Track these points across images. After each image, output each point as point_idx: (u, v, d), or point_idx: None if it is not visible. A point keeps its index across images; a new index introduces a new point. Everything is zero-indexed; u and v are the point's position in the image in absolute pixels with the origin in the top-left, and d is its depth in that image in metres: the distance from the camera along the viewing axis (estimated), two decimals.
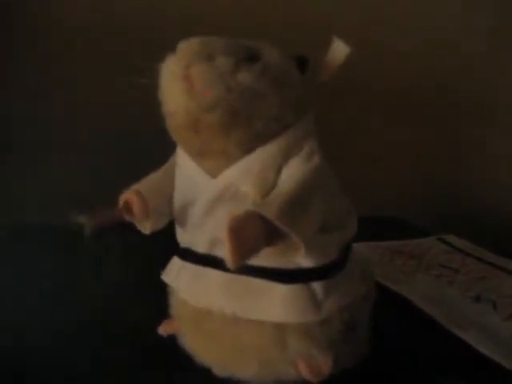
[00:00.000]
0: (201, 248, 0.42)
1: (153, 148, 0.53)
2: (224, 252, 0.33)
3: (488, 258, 0.80)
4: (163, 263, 0.47)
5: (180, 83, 0.37)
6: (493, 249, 0.84)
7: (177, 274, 0.45)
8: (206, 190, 0.41)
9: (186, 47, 0.38)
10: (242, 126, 0.38)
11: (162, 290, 0.47)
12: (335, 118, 0.84)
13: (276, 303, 0.40)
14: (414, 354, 0.51)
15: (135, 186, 0.43)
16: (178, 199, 0.44)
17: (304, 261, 0.39)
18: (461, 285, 0.69)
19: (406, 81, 1.03)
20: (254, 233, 0.34)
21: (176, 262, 0.46)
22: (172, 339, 0.47)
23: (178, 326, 0.46)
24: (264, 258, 0.38)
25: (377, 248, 0.82)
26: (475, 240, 0.87)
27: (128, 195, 0.42)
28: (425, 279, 0.70)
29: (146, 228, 0.44)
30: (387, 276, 0.69)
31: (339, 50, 0.42)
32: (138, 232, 0.44)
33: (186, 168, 0.43)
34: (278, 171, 0.39)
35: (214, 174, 0.40)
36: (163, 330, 0.49)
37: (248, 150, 0.39)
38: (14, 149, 0.82)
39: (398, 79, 1.02)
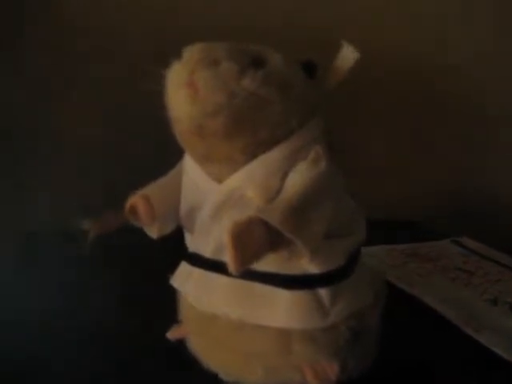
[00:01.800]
0: (207, 253, 0.42)
1: (159, 152, 0.53)
2: (227, 258, 0.33)
3: (503, 260, 0.79)
4: (172, 268, 0.47)
5: (184, 89, 0.37)
6: (507, 251, 0.83)
7: (185, 279, 0.45)
8: (212, 195, 0.41)
9: (191, 53, 0.38)
10: (247, 131, 0.38)
11: (171, 294, 0.47)
12: (344, 121, 0.84)
13: (281, 309, 0.40)
14: (429, 356, 0.51)
15: (142, 191, 0.44)
16: (184, 204, 0.44)
17: (309, 267, 0.39)
18: (477, 288, 0.68)
19: (413, 84, 1.03)
20: (256, 239, 0.34)
21: (184, 267, 0.46)
22: (180, 344, 0.47)
23: (187, 331, 0.46)
24: (269, 264, 0.38)
25: (391, 251, 0.82)
26: (489, 242, 0.86)
27: (134, 199, 0.43)
28: (440, 282, 0.70)
29: (153, 232, 0.44)
30: (402, 279, 0.69)
31: (348, 55, 0.42)
32: (147, 236, 0.45)
33: (192, 173, 0.43)
34: (283, 177, 0.39)
35: (219, 180, 0.40)
36: (172, 335, 0.49)
37: (253, 155, 0.39)
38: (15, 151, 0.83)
39: (405, 83, 1.01)
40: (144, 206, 0.42)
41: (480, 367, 0.50)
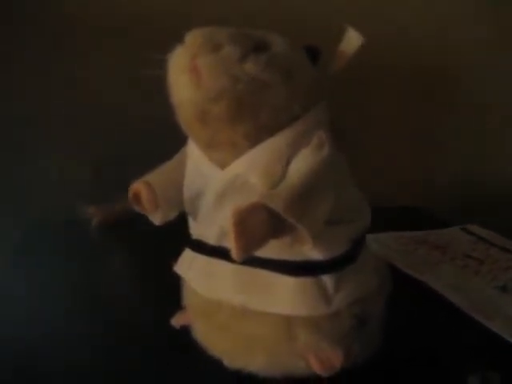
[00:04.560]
0: (211, 240, 0.42)
1: (163, 139, 0.53)
2: (230, 244, 0.33)
3: None
4: (176, 254, 0.47)
5: (187, 74, 0.37)
6: None
7: (188, 266, 0.45)
8: (215, 181, 0.40)
9: (193, 38, 0.38)
10: (249, 117, 0.37)
11: (175, 281, 0.47)
12: (349, 108, 0.83)
13: (285, 296, 0.40)
14: (438, 343, 0.51)
15: (145, 177, 0.44)
16: (187, 190, 0.44)
17: (312, 253, 0.39)
18: (486, 275, 0.68)
19: (414, 73, 1.02)
20: (259, 225, 0.33)
21: (188, 254, 0.46)
22: (184, 330, 0.47)
23: (191, 318, 0.46)
24: (272, 251, 0.38)
25: (401, 238, 0.81)
26: (498, 230, 0.86)
27: (137, 186, 0.43)
28: (450, 269, 0.70)
29: (156, 219, 0.44)
30: (412, 266, 0.69)
31: (352, 39, 0.41)
32: (150, 223, 0.45)
33: (195, 159, 0.43)
34: (287, 163, 0.38)
35: (222, 166, 0.40)
36: (176, 321, 0.49)
37: (256, 141, 0.39)
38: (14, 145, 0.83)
39: (406, 71, 1.00)
40: (147, 193, 0.42)
41: (489, 354, 0.50)
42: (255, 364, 0.41)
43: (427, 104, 1.07)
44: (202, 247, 0.43)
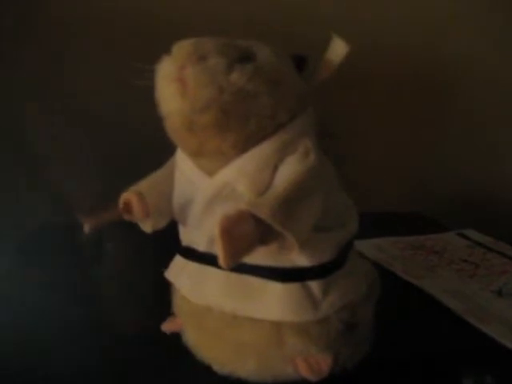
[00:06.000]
0: (201, 246, 0.43)
1: (153, 148, 0.53)
2: (218, 252, 0.33)
3: (509, 252, 0.78)
4: (167, 261, 0.48)
5: (174, 85, 0.37)
6: None
7: (179, 272, 0.46)
8: (203, 189, 0.41)
9: (180, 49, 0.38)
10: (236, 126, 0.38)
11: (166, 287, 0.48)
12: (349, 114, 0.84)
13: (273, 302, 0.40)
14: (434, 347, 0.51)
15: (135, 186, 0.44)
16: (177, 198, 0.44)
17: (300, 259, 0.39)
18: (482, 279, 0.68)
19: (412, 77, 1.01)
20: (246, 232, 0.34)
21: (178, 260, 0.46)
22: (175, 336, 0.47)
23: (181, 324, 0.47)
24: (260, 257, 0.39)
25: (398, 243, 0.82)
26: (494, 234, 0.86)
27: (128, 195, 0.43)
28: (446, 274, 0.70)
29: (147, 227, 0.44)
30: (408, 271, 0.69)
31: (338, 48, 0.41)
32: (141, 231, 0.45)
33: (184, 168, 0.43)
34: (274, 170, 0.39)
35: (210, 174, 0.41)
36: (166, 327, 0.49)
37: (243, 149, 0.39)
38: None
39: (404, 75, 1.00)
40: (138, 202, 0.42)
41: (484, 358, 0.50)
42: (245, 369, 0.42)
43: (426, 107, 1.07)
44: (191, 254, 0.44)
